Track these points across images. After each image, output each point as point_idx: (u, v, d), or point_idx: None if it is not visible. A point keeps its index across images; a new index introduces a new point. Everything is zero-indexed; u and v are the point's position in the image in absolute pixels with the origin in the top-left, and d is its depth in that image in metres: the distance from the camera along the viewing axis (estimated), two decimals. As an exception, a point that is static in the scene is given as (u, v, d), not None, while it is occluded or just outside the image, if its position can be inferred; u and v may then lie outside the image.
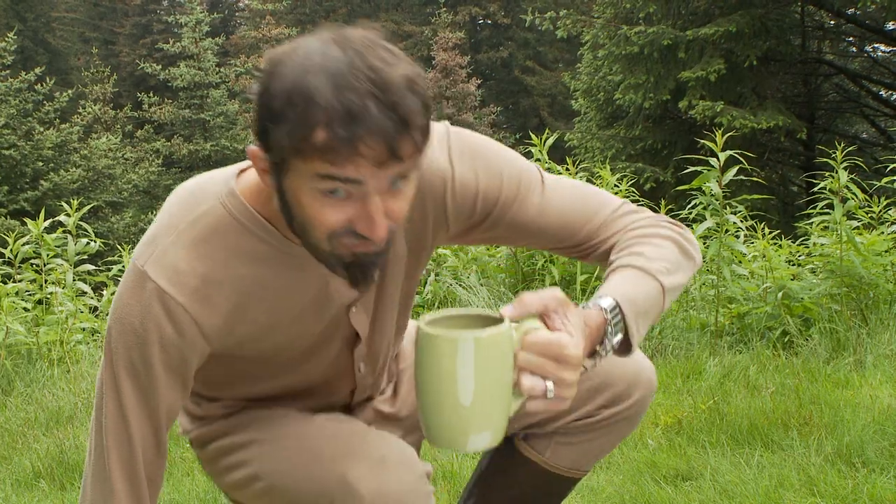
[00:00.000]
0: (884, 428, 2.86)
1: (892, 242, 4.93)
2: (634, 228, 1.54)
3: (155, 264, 1.39)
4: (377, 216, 1.23)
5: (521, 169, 1.54)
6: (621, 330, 1.38)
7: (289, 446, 1.59)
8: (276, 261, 1.42)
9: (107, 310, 6.04)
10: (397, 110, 1.17)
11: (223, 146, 28.09)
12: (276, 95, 1.19)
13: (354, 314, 1.55)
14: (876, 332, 4.22)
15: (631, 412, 1.78)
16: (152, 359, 1.41)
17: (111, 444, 1.45)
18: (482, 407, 1.20)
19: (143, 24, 42.63)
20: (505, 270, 5.08)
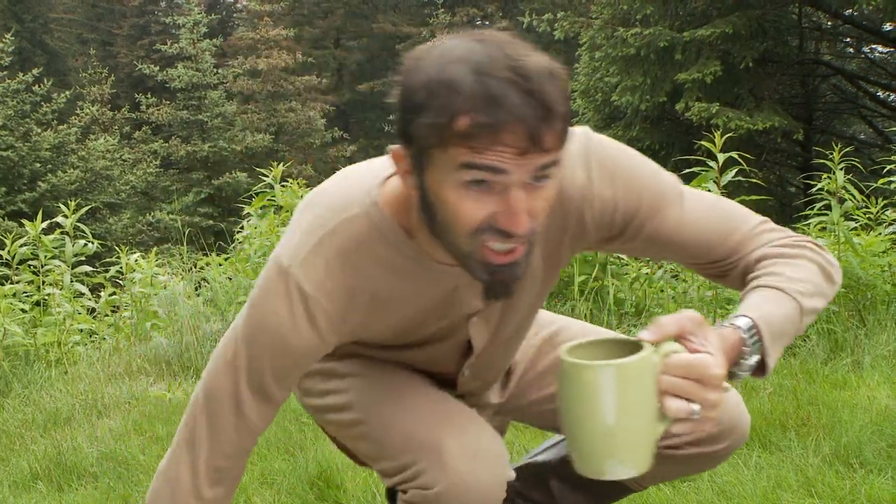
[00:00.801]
0: (881, 429, 2.87)
1: (890, 243, 4.94)
2: (776, 247, 1.52)
3: (301, 267, 1.40)
4: (519, 209, 1.22)
5: (662, 182, 1.52)
6: (758, 351, 1.35)
7: (392, 392, 1.62)
8: (414, 274, 1.44)
9: (105, 311, 6.03)
10: (538, 97, 1.17)
11: (221, 147, 28.08)
12: (417, 88, 1.21)
13: (475, 324, 1.55)
14: (874, 333, 4.23)
15: (715, 456, 1.77)
16: (281, 360, 1.45)
17: (210, 434, 1.51)
18: (627, 434, 1.19)
19: (140, 26, 42.60)
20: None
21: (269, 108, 32.38)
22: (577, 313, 4.55)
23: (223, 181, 27.48)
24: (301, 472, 2.79)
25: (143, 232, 25.43)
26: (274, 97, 32.70)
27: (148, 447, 3.24)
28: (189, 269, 6.10)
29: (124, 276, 6.11)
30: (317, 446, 3.06)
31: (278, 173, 5.21)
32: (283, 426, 3.31)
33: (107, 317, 6.07)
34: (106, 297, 6.08)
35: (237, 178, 27.22)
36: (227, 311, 5.08)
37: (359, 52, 42.33)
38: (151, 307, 5.58)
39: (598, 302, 4.70)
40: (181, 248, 6.41)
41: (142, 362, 4.66)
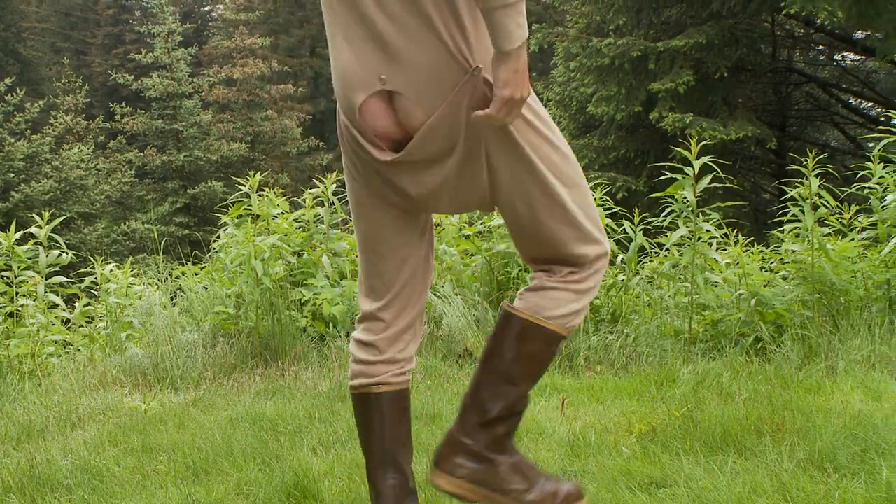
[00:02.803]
0: (855, 433, 2.89)
1: (863, 249, 4.98)
2: None
3: None
4: None
5: None
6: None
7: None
8: None
9: (79, 322, 5.99)
10: None
11: (196, 156, 27.99)
12: None
13: None
14: (847, 338, 4.26)
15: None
16: None
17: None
18: None
19: (115, 35, 42.43)
20: (479, 279, 5.08)
21: (245, 117, 32.30)
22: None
23: (199, 190, 27.38)
24: (277, 483, 2.78)
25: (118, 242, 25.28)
26: (250, 106, 32.62)
27: (123, 458, 3.22)
28: (165, 278, 6.07)
29: (99, 287, 6.07)
30: (293, 456, 3.05)
31: (255, 182, 5.20)
32: (258, 436, 3.30)
33: (81, 328, 6.02)
34: (80, 308, 6.04)
35: (213, 188, 27.12)
36: (203, 320, 5.05)
37: (335, 60, 42.28)
38: (127, 318, 5.55)
39: (574, 309, 4.71)
40: (157, 257, 6.38)
41: (117, 373, 4.63)
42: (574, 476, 2.76)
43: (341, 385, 4.00)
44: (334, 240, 5.43)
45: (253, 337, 4.80)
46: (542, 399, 3.71)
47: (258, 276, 4.83)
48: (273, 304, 4.87)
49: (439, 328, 4.83)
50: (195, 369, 4.56)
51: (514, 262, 4.91)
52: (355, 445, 3.15)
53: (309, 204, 5.48)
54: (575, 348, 4.49)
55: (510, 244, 4.89)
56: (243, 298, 5.01)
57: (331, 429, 3.35)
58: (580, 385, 3.95)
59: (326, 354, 4.68)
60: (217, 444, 3.24)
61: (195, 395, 4.20)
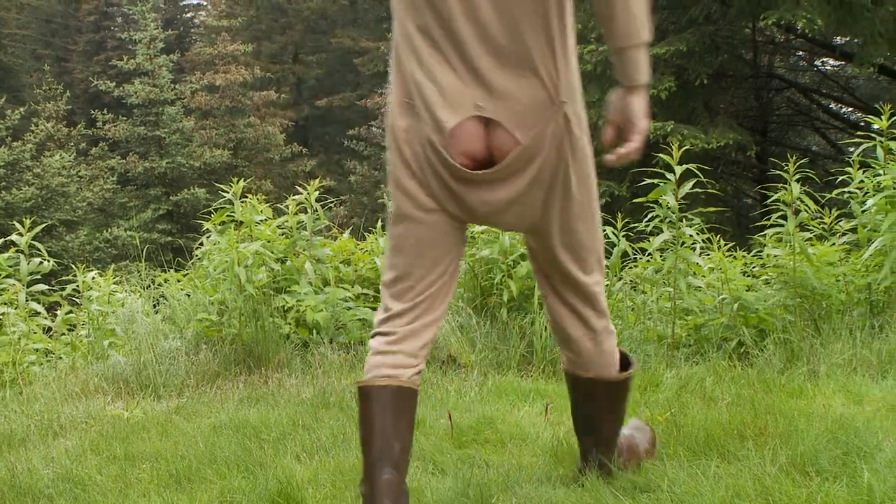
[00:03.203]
0: (837, 436, 2.90)
1: (844, 253, 5.01)
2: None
3: None
4: None
5: None
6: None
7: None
8: None
9: (61, 330, 5.96)
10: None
11: (179, 163, 27.93)
12: None
13: None
14: (828, 342, 4.28)
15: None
16: None
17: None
18: None
19: (96, 41, 42.29)
20: (463, 285, 5.09)
21: (228, 123, 32.24)
22: (536, 326, 4.57)
23: (181, 197, 27.31)
24: (261, 491, 2.77)
25: (100, 249, 25.18)
26: (232, 113, 32.57)
27: (105, 467, 3.20)
28: (147, 286, 6.05)
29: (81, 295, 6.04)
30: (276, 463, 3.05)
31: (238, 189, 5.19)
32: (242, 444, 3.29)
33: (63, 336, 5.99)
34: (62, 316, 6.00)
35: (196, 195, 27.06)
36: (186, 328, 5.04)
37: (317, 66, 42.30)
38: (109, 325, 5.52)
39: (557, 315, 4.72)
40: (139, 264, 6.35)
41: (99, 381, 4.61)
42: (557, 482, 2.77)
43: (325, 392, 4.00)
44: (317, 246, 5.42)
45: (236, 344, 4.79)
46: (525, 405, 3.71)
47: (241, 283, 4.82)
48: (256, 310, 4.86)
49: (423, 334, 4.82)
50: (178, 377, 4.55)
51: (497, 268, 4.91)
52: (339, 452, 3.15)
53: (292, 210, 5.47)
54: (558, 353, 4.49)
55: (493, 250, 4.90)
56: (226, 305, 5.00)
57: (314, 436, 3.34)
58: (564, 390, 3.95)
59: (310, 361, 4.67)
60: (200, 451, 3.23)
61: (178, 402, 4.18)
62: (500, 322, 4.72)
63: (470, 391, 4.01)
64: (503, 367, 4.47)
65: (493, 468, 2.91)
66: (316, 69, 42.22)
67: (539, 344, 4.52)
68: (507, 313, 4.75)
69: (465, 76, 2.17)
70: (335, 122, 40.58)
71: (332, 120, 40.99)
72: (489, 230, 4.98)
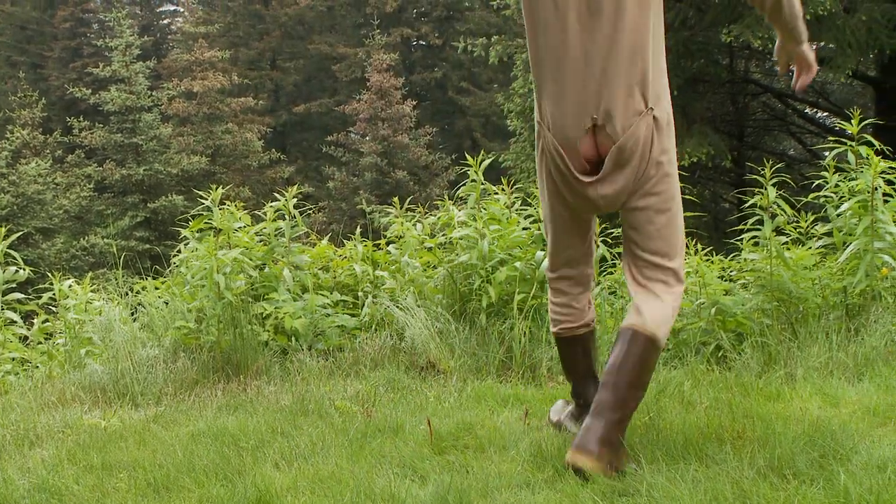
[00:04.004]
0: (813, 439, 2.92)
1: (820, 257, 5.05)
2: None
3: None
4: None
5: None
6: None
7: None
8: None
9: (37, 338, 5.92)
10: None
11: (157, 170, 27.80)
12: None
13: None
14: (805, 346, 4.31)
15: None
16: None
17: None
18: None
19: (72, 48, 42.04)
20: (442, 291, 5.09)
21: (206, 130, 32.14)
22: (515, 332, 4.58)
23: (159, 204, 27.19)
24: (240, 498, 2.76)
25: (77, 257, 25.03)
26: (210, 119, 32.46)
27: (82, 477, 3.18)
28: (125, 293, 6.01)
29: (58, 303, 6.00)
30: (255, 471, 3.03)
31: (217, 196, 5.17)
32: (220, 452, 3.27)
33: (40, 344, 5.94)
34: (39, 325, 5.96)
35: (174, 201, 26.95)
36: (164, 335, 5.01)
37: (295, 73, 42.24)
38: (86, 333, 5.49)
39: (536, 320, 4.73)
40: (117, 272, 6.31)
41: (76, 390, 4.57)
42: (536, 487, 2.77)
43: (304, 399, 3.99)
44: (296, 253, 5.41)
45: (214, 351, 4.77)
46: (504, 410, 3.71)
47: (220, 290, 4.80)
48: (235, 318, 4.84)
49: (402, 340, 4.82)
50: (156, 385, 4.52)
51: (476, 274, 4.92)
52: (318, 460, 3.14)
53: (270, 217, 5.46)
54: (537, 359, 4.51)
55: (472, 255, 4.90)
56: (204, 313, 4.98)
57: (293, 443, 3.33)
58: (543, 395, 3.97)
59: (289, 368, 4.66)
60: (178, 460, 3.22)
61: (156, 410, 4.16)
62: (479, 328, 4.73)
63: (449, 397, 4.01)
64: (482, 372, 4.47)
65: (472, 474, 2.91)
66: (294, 75, 42.16)
67: (518, 349, 4.53)
68: (486, 319, 4.75)
69: (585, 95, 2.84)
70: (313, 128, 40.53)
71: (309, 126, 40.93)
72: (469, 236, 4.99)
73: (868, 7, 12.04)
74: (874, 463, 2.69)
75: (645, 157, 2.88)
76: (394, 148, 31.06)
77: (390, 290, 5.35)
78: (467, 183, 5.24)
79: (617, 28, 2.80)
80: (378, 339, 4.86)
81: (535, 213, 5.06)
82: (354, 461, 3.09)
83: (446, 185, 31.24)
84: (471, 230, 4.98)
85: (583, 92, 2.83)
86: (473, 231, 4.97)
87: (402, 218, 5.86)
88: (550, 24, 2.85)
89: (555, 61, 2.87)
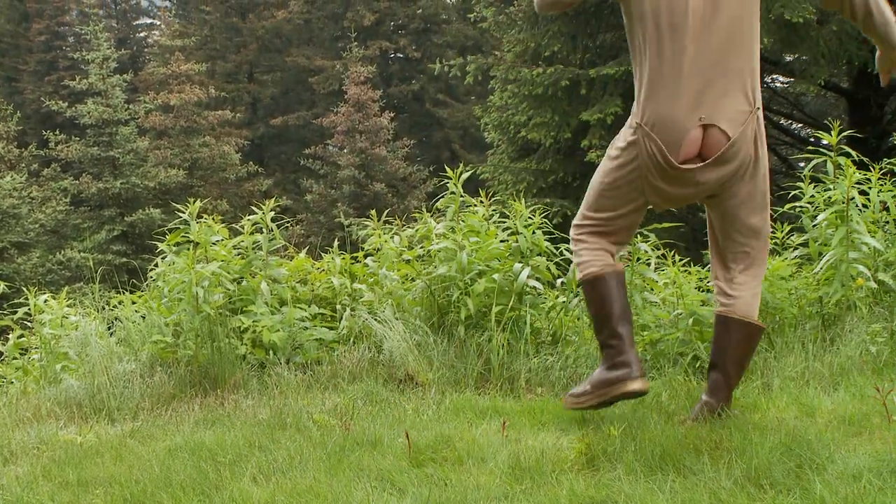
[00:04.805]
0: (790, 449, 2.94)
1: (796, 267, 5.08)
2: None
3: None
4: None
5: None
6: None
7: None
8: None
9: (12, 354, 5.87)
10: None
11: (134, 184, 27.65)
12: None
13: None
14: (782, 356, 4.34)
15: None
16: None
17: None
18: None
19: (48, 61, 41.79)
20: (420, 303, 5.08)
21: (183, 143, 32.02)
22: (493, 344, 4.58)
23: (136, 218, 27.03)
24: (217, 514, 2.75)
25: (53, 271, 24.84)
26: (187, 132, 32.35)
27: (57, 494, 3.15)
28: (102, 308, 5.97)
29: (33, 318, 5.95)
30: (233, 486, 3.02)
31: (195, 210, 5.16)
32: (198, 466, 3.25)
33: (15, 360, 5.89)
34: (14, 340, 5.91)
35: (151, 215, 26.82)
36: (141, 350, 4.98)
37: (272, 85, 42.16)
38: (62, 348, 5.44)
39: (514, 332, 4.74)
40: (93, 286, 6.27)
41: (51, 405, 4.54)
42: (515, 498, 2.77)
43: (281, 412, 3.97)
44: (274, 266, 5.40)
45: (192, 365, 4.75)
46: (482, 422, 3.71)
47: (199, 304, 4.78)
48: (212, 331, 4.82)
49: (380, 353, 4.82)
50: (132, 399, 4.49)
51: (454, 286, 4.92)
52: (296, 474, 3.13)
53: (248, 230, 5.44)
54: (515, 370, 4.51)
55: (450, 267, 4.90)
56: (182, 327, 4.95)
57: (271, 457, 3.32)
58: (521, 407, 3.97)
59: (267, 382, 4.64)
60: (155, 475, 3.20)
61: (132, 425, 4.13)
62: (458, 340, 4.72)
63: (427, 409, 4.01)
64: (460, 384, 4.47)
65: (450, 487, 2.90)
66: (271, 88, 42.09)
67: (496, 361, 4.53)
68: (465, 331, 4.75)
69: (695, 98, 3.25)
70: (291, 140, 40.45)
71: (287, 139, 40.85)
72: (447, 249, 4.99)
73: (839, 18, 12.19)
74: (849, 472, 2.71)
75: (749, 152, 3.32)
76: (371, 160, 31.05)
77: (368, 302, 5.34)
78: (446, 195, 5.25)
79: (730, 39, 3.24)
80: (356, 352, 4.85)
81: (513, 225, 5.07)
82: (332, 475, 3.08)
83: (424, 198, 31.25)
84: (449, 242, 4.98)
85: (702, 92, 3.23)
86: (452, 243, 4.97)
87: (380, 230, 5.86)
88: (678, 30, 3.23)
89: (674, 66, 3.24)
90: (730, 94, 3.24)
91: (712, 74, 3.23)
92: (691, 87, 3.23)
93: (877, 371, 4.14)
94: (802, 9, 11.35)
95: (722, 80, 3.23)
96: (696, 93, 3.23)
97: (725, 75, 3.24)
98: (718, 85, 3.23)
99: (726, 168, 3.30)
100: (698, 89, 3.23)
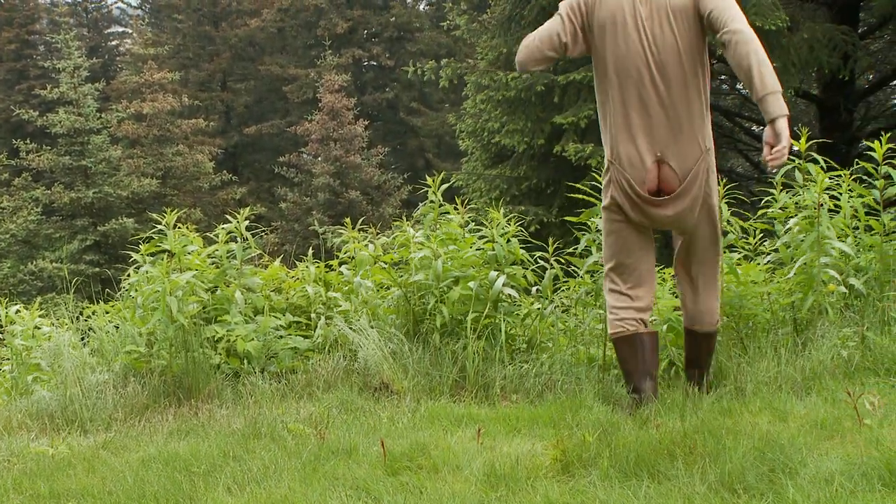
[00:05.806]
0: (763, 454, 2.96)
1: (769, 273, 5.12)
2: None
3: None
4: None
5: None
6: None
7: None
8: None
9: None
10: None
11: (106, 193, 27.47)
12: None
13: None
14: (755, 360, 4.36)
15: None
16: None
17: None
18: None
19: (18, 70, 41.46)
20: (395, 311, 5.08)
21: (156, 152, 31.84)
22: (469, 351, 4.58)
23: (109, 227, 26.86)
24: (192, 524, 2.73)
25: (25, 282, 24.64)
26: (160, 141, 32.17)
27: (30, 506, 3.12)
28: (75, 318, 5.92)
29: (4, 329, 5.90)
30: (207, 496, 3.00)
31: (171, 219, 5.14)
32: (171, 477, 3.23)
33: (-15, 372, 5.84)
34: (-14, 352, 5.86)
35: (124, 224, 26.65)
36: (114, 360, 4.95)
37: (246, 94, 42.04)
38: (34, 360, 5.40)
39: (490, 339, 4.74)
40: (66, 297, 6.22)
41: (23, 417, 4.50)
42: (491, 506, 2.77)
43: (256, 422, 3.96)
44: (248, 275, 5.38)
45: (165, 375, 4.72)
46: (458, 430, 3.71)
47: (173, 313, 4.75)
48: (187, 341, 4.79)
49: (355, 361, 4.81)
50: (105, 410, 4.46)
51: (430, 294, 4.92)
52: (271, 483, 3.12)
53: (222, 239, 5.42)
54: (490, 378, 4.51)
55: (427, 275, 4.90)
56: (156, 336, 4.93)
57: (246, 467, 3.31)
58: (496, 415, 3.97)
59: (241, 391, 4.62)
60: (128, 486, 3.17)
61: (105, 437, 4.10)
62: (433, 347, 4.72)
63: (403, 417, 4.00)
64: (436, 392, 4.47)
65: (426, 494, 2.90)
66: (244, 96, 41.96)
67: (472, 369, 4.54)
68: (440, 339, 4.75)
69: (651, 136, 3.82)
70: (265, 149, 40.33)
71: (261, 147, 40.73)
72: (425, 257, 4.99)
73: (810, 27, 12.31)
74: (822, 476, 2.73)
75: (701, 188, 3.84)
76: (346, 168, 31.00)
77: (344, 312, 5.33)
78: (426, 203, 5.26)
79: (681, 91, 3.82)
80: (331, 361, 4.84)
81: (489, 232, 5.08)
82: (307, 484, 3.07)
83: (399, 205, 31.24)
84: (428, 251, 4.98)
85: (655, 136, 3.81)
86: (429, 252, 4.97)
87: (355, 237, 5.85)
88: (637, 86, 3.83)
89: (640, 110, 3.83)
90: (682, 137, 3.82)
91: (666, 120, 3.81)
92: (650, 130, 3.81)
93: (848, 375, 4.17)
94: (775, 17, 11.46)
95: (675, 124, 3.80)
96: (654, 135, 3.82)
97: (678, 120, 3.81)
98: (672, 128, 3.80)
99: (682, 202, 3.84)
100: (655, 132, 3.81)
